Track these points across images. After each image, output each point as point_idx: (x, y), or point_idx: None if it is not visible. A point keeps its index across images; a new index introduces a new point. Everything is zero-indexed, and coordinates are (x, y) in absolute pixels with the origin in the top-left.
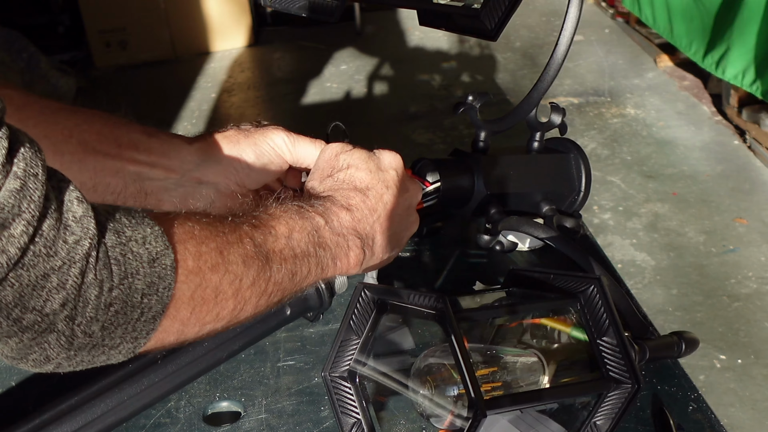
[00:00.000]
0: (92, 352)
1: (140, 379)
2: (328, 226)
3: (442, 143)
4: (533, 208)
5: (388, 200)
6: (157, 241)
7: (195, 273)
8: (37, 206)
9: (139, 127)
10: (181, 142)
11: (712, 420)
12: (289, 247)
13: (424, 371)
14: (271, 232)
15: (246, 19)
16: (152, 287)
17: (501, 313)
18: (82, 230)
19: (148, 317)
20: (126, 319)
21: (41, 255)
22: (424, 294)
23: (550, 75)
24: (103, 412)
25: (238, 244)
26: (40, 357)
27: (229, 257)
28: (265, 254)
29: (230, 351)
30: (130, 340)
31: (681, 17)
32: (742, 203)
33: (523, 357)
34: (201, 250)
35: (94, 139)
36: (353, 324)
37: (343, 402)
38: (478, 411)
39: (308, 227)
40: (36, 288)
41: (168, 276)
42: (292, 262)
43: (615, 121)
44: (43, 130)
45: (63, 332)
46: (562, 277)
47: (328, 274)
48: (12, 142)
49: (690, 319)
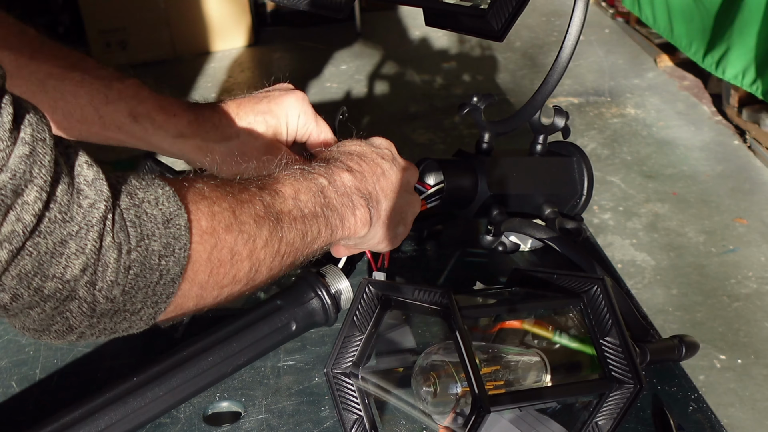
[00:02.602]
0: (114, 318)
1: (145, 392)
2: (331, 186)
3: (442, 143)
4: (535, 211)
5: (386, 168)
6: (169, 201)
7: (209, 233)
8: (48, 171)
9: (125, 108)
10: (166, 131)
11: (712, 420)
12: (297, 208)
13: (426, 369)
14: (279, 193)
15: (246, 19)
16: (168, 248)
17: (504, 312)
18: (95, 193)
19: (167, 280)
20: (146, 282)
21: (57, 221)
22: (428, 290)
23: (555, 77)
24: (107, 425)
25: (249, 205)
26: (63, 327)
27: (241, 217)
28: (275, 214)
29: (235, 365)
30: (151, 304)
31: (681, 17)
32: (742, 203)
33: (525, 356)
34: (213, 210)
35: (79, 113)
36: (357, 320)
37: (345, 399)
38: (482, 407)
39: (313, 188)
40: (55, 255)
41: (183, 236)
42: (301, 222)
43: (615, 121)
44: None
45: (84, 299)
46: (566, 277)
47: (337, 235)
48: (16, 109)
49: (690, 319)
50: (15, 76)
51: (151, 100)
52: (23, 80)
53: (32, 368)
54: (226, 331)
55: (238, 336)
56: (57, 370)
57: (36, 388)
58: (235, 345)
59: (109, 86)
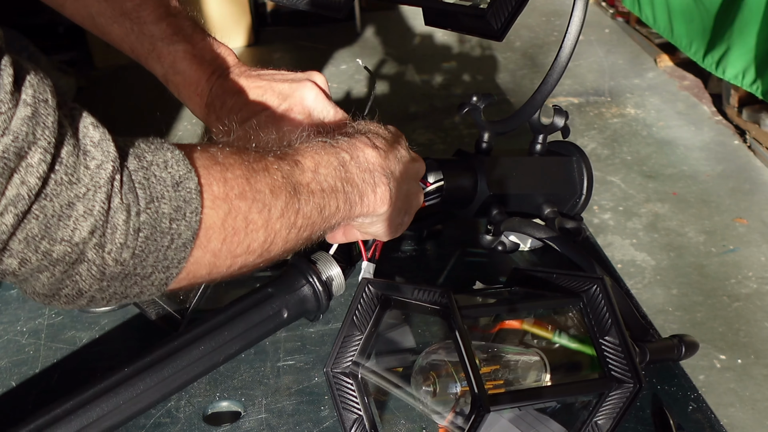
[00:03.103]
0: (124, 282)
1: (136, 382)
2: (353, 161)
3: (442, 143)
4: (535, 210)
5: (403, 154)
6: (179, 164)
7: (222, 199)
8: (51, 132)
9: (161, 72)
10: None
11: (712, 420)
12: (316, 181)
13: (426, 368)
14: (298, 164)
15: (246, 19)
16: (179, 211)
17: (503, 312)
18: (102, 154)
19: (179, 244)
20: (156, 246)
21: (63, 183)
22: (428, 289)
23: (554, 77)
24: (99, 417)
25: (265, 173)
26: (73, 291)
27: (256, 185)
28: (292, 185)
29: (228, 354)
30: (162, 269)
31: (681, 17)
32: (742, 203)
33: (524, 356)
34: (227, 176)
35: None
36: (356, 320)
37: (345, 398)
38: (482, 407)
39: (334, 162)
40: (62, 218)
41: (194, 200)
42: (320, 195)
43: (615, 121)
44: (80, 20)
45: (94, 261)
46: (565, 277)
47: (356, 212)
48: (17, 70)
49: (690, 319)
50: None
51: (190, 66)
52: (74, 7)
53: (32, 368)
54: (218, 320)
55: (230, 325)
56: (57, 370)
57: (36, 388)
58: (227, 334)
59: (153, 45)
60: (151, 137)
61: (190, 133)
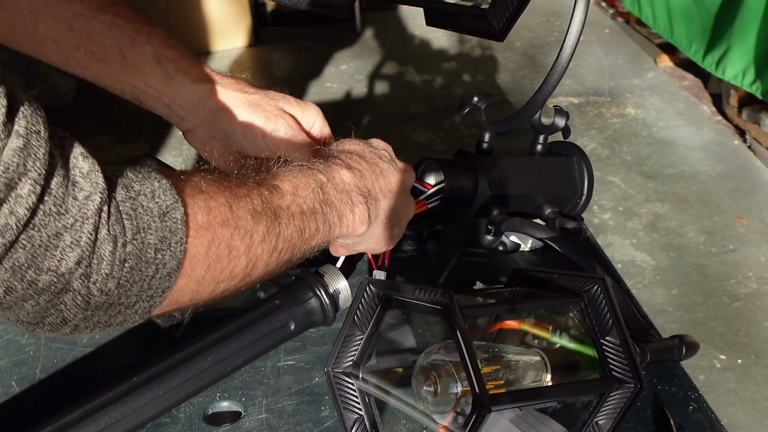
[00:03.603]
0: (108, 311)
1: (144, 392)
2: (330, 183)
3: (442, 143)
4: (536, 211)
5: (384, 168)
6: (166, 194)
7: (206, 228)
8: (42, 164)
9: (151, 51)
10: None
11: (712, 420)
12: (296, 204)
13: (427, 368)
14: (277, 188)
15: (246, 19)
16: (164, 242)
17: (504, 312)
18: (91, 185)
19: (163, 274)
20: (141, 276)
21: (52, 214)
22: (429, 289)
23: (555, 77)
24: (107, 425)
25: (246, 199)
26: (57, 319)
27: (238, 212)
28: (272, 209)
29: (235, 364)
30: (146, 298)
31: (681, 17)
32: (742, 203)
33: (525, 356)
34: (210, 204)
35: (101, 54)
36: (357, 319)
37: (346, 398)
38: (483, 406)
39: (312, 184)
40: (49, 248)
41: (179, 230)
42: (299, 218)
43: (615, 121)
44: (53, 35)
45: (79, 291)
46: (566, 277)
47: (335, 233)
48: (11, 101)
49: (690, 319)
50: (43, 13)
51: (178, 48)
52: (50, 18)
53: (32, 368)
54: (225, 330)
55: (237, 336)
56: (57, 370)
57: (36, 388)
58: (234, 345)
59: (138, 30)
60: (139, 166)
61: None
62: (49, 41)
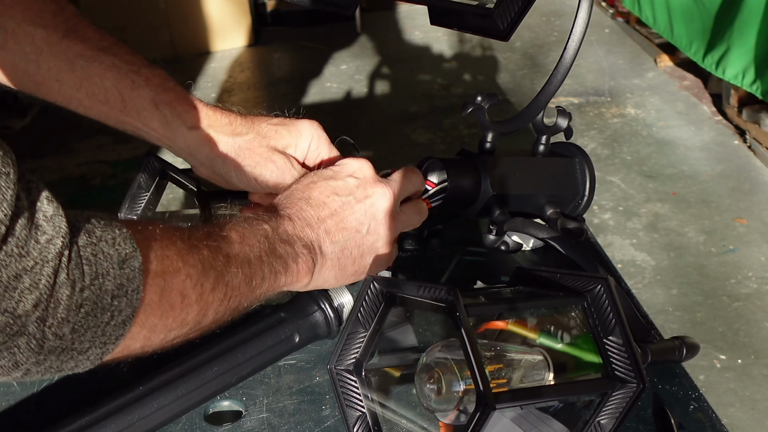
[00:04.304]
0: (61, 356)
1: (150, 401)
2: (275, 233)
3: (442, 143)
4: (537, 211)
5: (337, 207)
6: (125, 242)
7: (160, 276)
8: (9, 205)
9: (149, 95)
10: (182, 121)
11: (713, 419)
12: (243, 253)
13: (430, 366)
14: (225, 239)
15: (246, 19)
16: (122, 289)
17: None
18: (53, 229)
19: (118, 321)
20: (96, 322)
21: (13, 255)
22: (433, 287)
23: (558, 78)
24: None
25: (196, 249)
26: (9, 363)
27: (190, 261)
28: (222, 259)
29: (241, 375)
30: (99, 344)
31: (681, 17)
32: (742, 203)
33: (528, 355)
34: (165, 253)
35: (102, 95)
36: (361, 317)
37: (348, 395)
38: (487, 404)
39: (258, 234)
40: (8, 289)
41: (136, 278)
42: (247, 267)
43: (615, 121)
44: (56, 74)
45: (34, 335)
46: (569, 277)
47: (281, 283)
48: None
49: (690, 319)
50: (46, 52)
51: (175, 91)
52: (54, 57)
53: None
54: (231, 341)
55: (243, 347)
56: None
57: (36, 389)
58: (240, 356)
59: (137, 72)
60: (101, 213)
61: None
62: (52, 81)
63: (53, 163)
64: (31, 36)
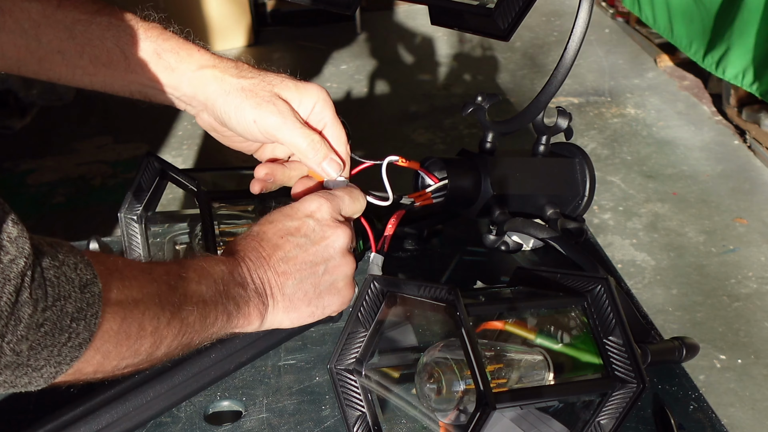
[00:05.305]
0: (16, 372)
1: (146, 390)
2: (230, 275)
3: (442, 143)
4: (537, 211)
5: (289, 249)
6: (86, 269)
7: (120, 305)
8: None
9: (151, 46)
10: (188, 64)
11: (713, 419)
12: (200, 292)
13: (430, 366)
14: (182, 276)
15: (246, 19)
16: (81, 312)
17: (507, 311)
18: (17, 250)
19: (75, 343)
20: (54, 342)
21: None
22: (434, 286)
23: (559, 78)
24: (108, 423)
25: (156, 284)
26: None
27: (148, 294)
28: (179, 296)
29: (239, 362)
30: (54, 364)
31: (681, 17)
32: (742, 203)
33: (528, 355)
34: (126, 284)
35: (105, 57)
36: (361, 316)
37: (348, 395)
38: (487, 404)
39: (215, 275)
40: None
41: (96, 304)
42: (202, 306)
43: (615, 121)
44: (57, 46)
45: None
46: (569, 277)
47: (233, 324)
48: None
49: (690, 319)
50: (44, 24)
51: (175, 38)
52: (51, 28)
53: None
54: None
55: None
56: None
57: None
58: (238, 342)
59: (135, 27)
60: (63, 242)
61: (190, 132)
62: (54, 53)
63: (53, 163)
64: (27, 11)
